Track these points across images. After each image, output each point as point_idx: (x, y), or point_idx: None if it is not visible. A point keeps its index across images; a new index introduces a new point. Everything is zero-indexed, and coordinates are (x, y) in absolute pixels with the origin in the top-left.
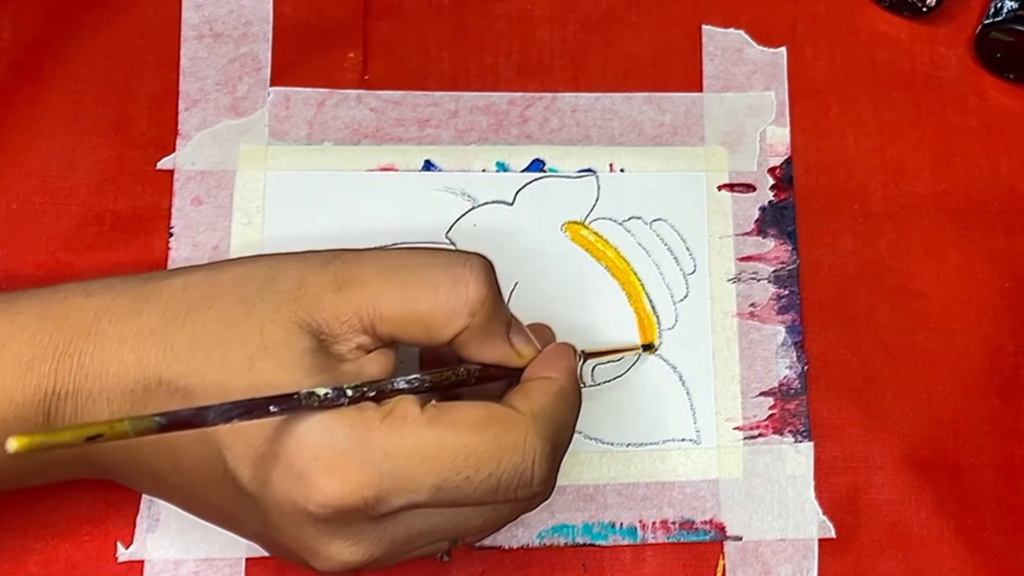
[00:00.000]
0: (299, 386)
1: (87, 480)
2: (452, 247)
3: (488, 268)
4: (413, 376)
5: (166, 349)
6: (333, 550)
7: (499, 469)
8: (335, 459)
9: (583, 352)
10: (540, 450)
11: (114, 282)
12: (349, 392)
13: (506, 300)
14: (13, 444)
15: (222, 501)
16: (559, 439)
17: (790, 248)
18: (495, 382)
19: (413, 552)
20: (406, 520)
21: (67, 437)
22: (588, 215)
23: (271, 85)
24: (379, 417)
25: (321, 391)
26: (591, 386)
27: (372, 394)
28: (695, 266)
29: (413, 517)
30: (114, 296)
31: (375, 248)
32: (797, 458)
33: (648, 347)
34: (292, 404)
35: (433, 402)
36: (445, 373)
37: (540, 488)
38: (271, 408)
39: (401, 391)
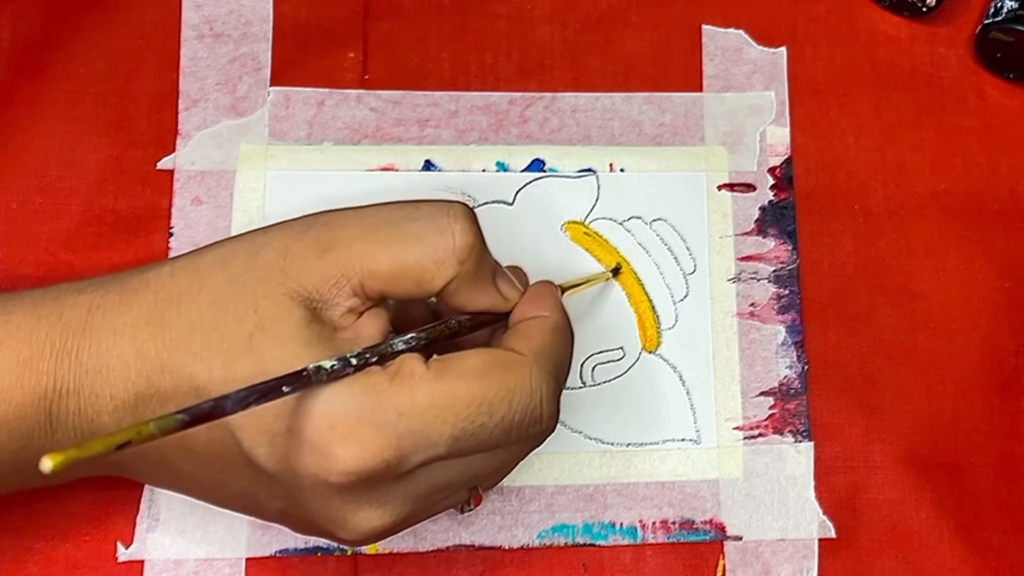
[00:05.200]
0: (300, 359)
1: (87, 480)
2: (432, 198)
3: (471, 215)
4: (410, 336)
5: (164, 338)
6: (360, 518)
7: (511, 411)
8: (350, 427)
9: (560, 286)
10: (546, 387)
11: (104, 279)
12: (354, 361)
13: None
14: (48, 464)
15: (241, 484)
16: (560, 373)
17: (790, 248)
18: (483, 329)
19: (436, 507)
20: (426, 475)
21: (98, 448)
22: (588, 215)
23: (271, 85)
24: (387, 379)
25: (327, 363)
26: (591, 386)
27: (375, 360)
28: (695, 266)
29: (432, 471)
30: (104, 292)
31: (353, 207)
32: (797, 458)
33: (615, 271)
34: (303, 381)
35: (435, 356)
36: (439, 328)
37: (549, 423)
38: (284, 388)
39: (401, 352)
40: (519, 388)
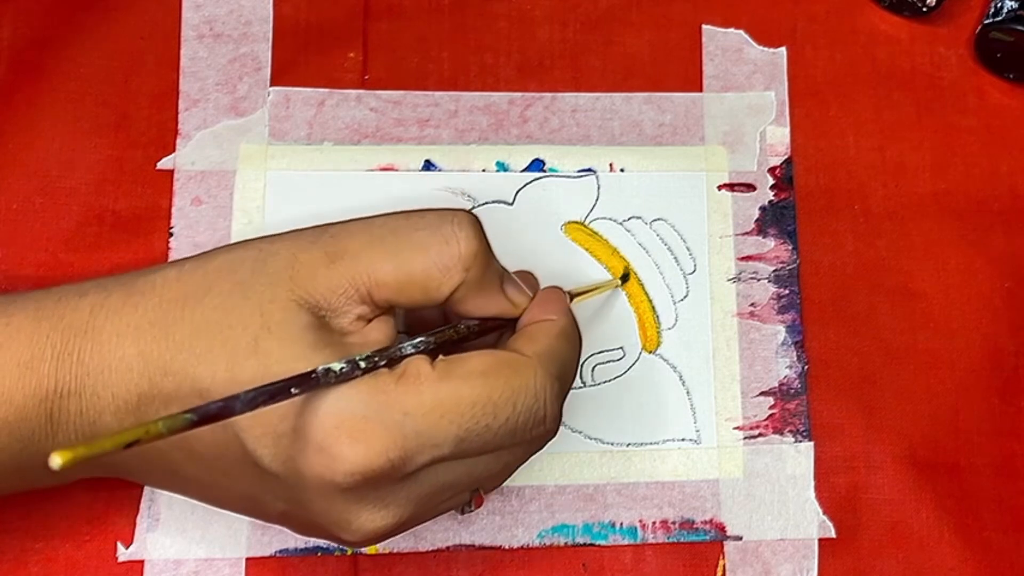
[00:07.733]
0: (306, 361)
1: (87, 480)
2: (437, 207)
3: (475, 222)
4: (418, 340)
5: (168, 340)
6: (364, 519)
7: (515, 412)
8: (357, 427)
9: (569, 292)
10: (550, 389)
11: (107, 280)
12: (362, 363)
13: None
14: (57, 460)
15: (243, 485)
16: (565, 376)
17: (790, 248)
18: (491, 334)
19: (438, 508)
20: (429, 476)
21: (107, 446)
22: (588, 215)
23: (271, 85)
24: (393, 380)
25: (336, 366)
26: (591, 386)
27: (383, 363)
28: (695, 266)
29: (436, 472)
30: (108, 293)
31: (360, 218)
32: (797, 458)
33: (624, 277)
34: (312, 383)
35: (441, 357)
36: (447, 332)
37: (552, 425)
38: (293, 390)
39: (409, 355)
40: (523, 389)
